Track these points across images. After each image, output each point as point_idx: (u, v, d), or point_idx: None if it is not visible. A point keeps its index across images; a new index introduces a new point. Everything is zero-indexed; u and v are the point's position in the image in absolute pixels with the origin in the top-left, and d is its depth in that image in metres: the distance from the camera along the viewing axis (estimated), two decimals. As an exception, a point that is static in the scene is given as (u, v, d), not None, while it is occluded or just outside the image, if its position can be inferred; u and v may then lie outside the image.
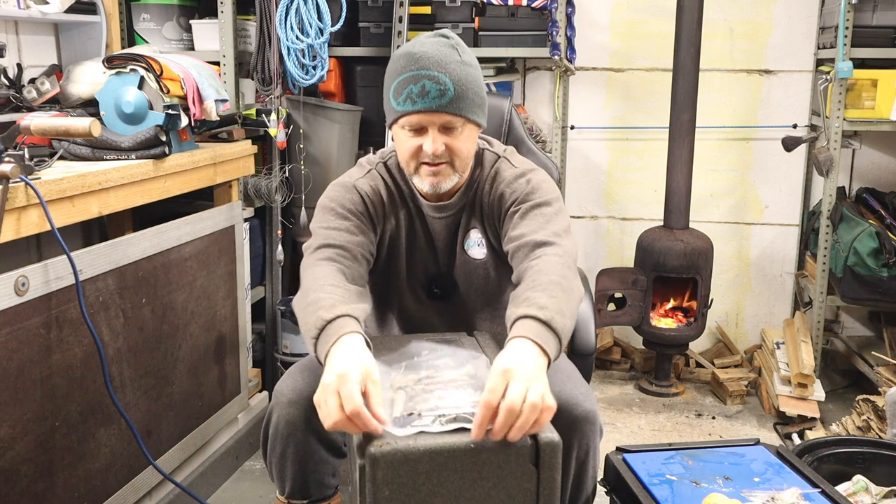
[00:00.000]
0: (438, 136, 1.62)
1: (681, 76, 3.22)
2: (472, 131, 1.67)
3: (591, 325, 2.04)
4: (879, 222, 3.22)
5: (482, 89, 1.66)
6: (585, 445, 1.69)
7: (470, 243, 1.79)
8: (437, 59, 1.59)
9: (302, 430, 1.72)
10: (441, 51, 1.60)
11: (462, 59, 1.61)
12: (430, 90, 1.57)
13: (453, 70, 1.59)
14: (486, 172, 1.78)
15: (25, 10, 2.55)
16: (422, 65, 1.58)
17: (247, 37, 3.25)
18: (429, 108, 1.59)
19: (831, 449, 2.16)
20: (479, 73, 1.66)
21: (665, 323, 3.38)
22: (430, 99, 1.58)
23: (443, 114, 1.60)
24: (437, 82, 1.57)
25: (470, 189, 1.78)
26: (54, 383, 1.85)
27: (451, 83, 1.58)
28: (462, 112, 1.61)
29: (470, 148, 1.69)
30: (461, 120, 1.62)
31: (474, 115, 1.64)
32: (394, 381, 1.43)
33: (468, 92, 1.61)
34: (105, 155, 2.15)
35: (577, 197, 3.78)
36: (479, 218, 1.79)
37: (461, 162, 1.68)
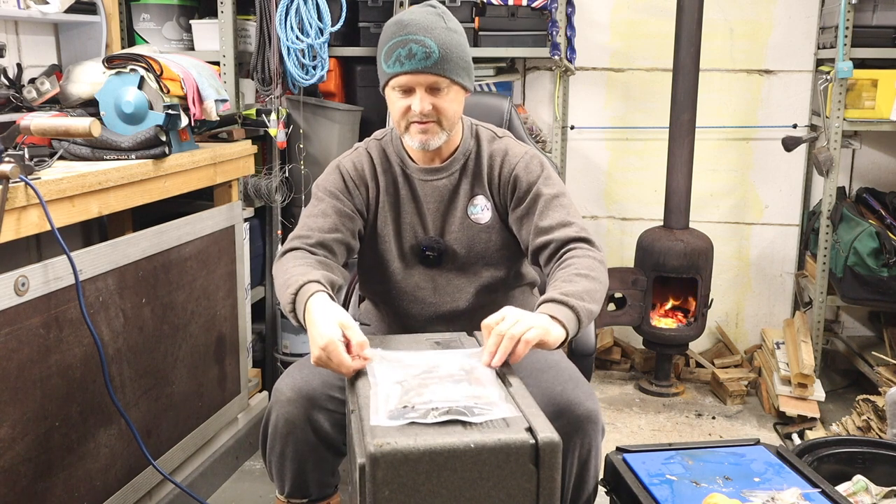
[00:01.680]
0: (426, 96, 1.72)
1: (681, 76, 3.22)
2: (457, 93, 1.77)
3: (591, 326, 2.04)
4: (879, 222, 3.22)
5: (467, 54, 1.77)
6: (587, 445, 1.70)
7: (475, 209, 1.87)
8: (423, 24, 1.70)
9: (301, 429, 1.72)
10: (427, 18, 1.72)
11: (447, 25, 1.73)
12: (417, 52, 1.68)
13: (438, 35, 1.70)
14: (483, 145, 1.88)
15: (25, 10, 2.55)
16: (409, 30, 1.70)
17: (247, 37, 3.25)
18: (415, 69, 1.69)
19: (831, 449, 2.16)
20: (464, 39, 1.76)
21: (665, 323, 3.38)
22: (416, 60, 1.69)
23: (429, 74, 1.70)
24: (422, 45, 1.69)
25: (464, 156, 1.87)
26: (54, 383, 1.85)
27: (436, 46, 1.69)
28: (447, 73, 1.71)
29: (456, 108, 1.78)
30: (446, 81, 1.72)
31: (459, 77, 1.74)
32: (391, 376, 1.43)
33: (452, 55, 1.71)
34: (105, 155, 2.15)
35: (577, 197, 3.78)
36: (482, 185, 1.87)
37: (448, 121, 1.77)
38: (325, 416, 1.74)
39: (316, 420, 1.73)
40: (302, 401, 1.72)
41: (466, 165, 1.87)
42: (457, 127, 1.84)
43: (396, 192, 1.89)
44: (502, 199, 1.87)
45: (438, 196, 1.87)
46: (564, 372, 1.78)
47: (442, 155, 1.86)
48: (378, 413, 1.31)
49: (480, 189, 1.87)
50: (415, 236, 1.89)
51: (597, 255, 1.77)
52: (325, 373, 1.78)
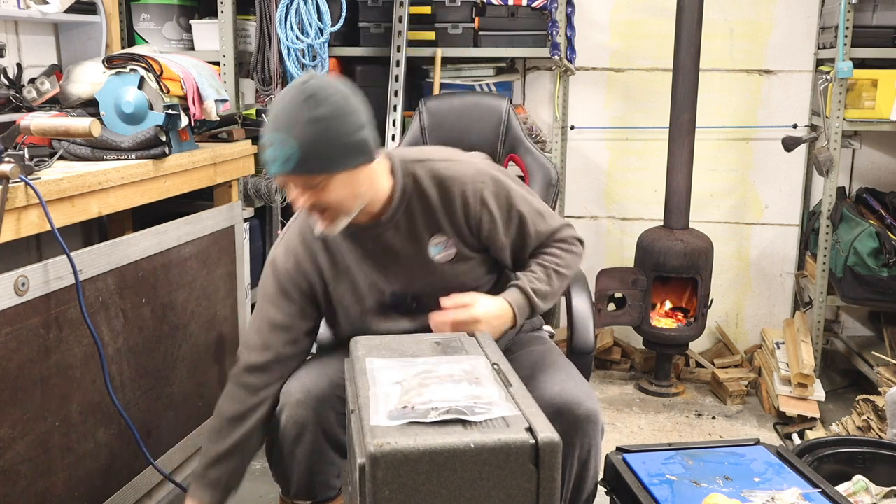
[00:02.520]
0: (303, 193, 1.61)
1: (681, 76, 3.22)
2: (341, 180, 1.60)
3: (589, 324, 2.04)
4: (879, 222, 3.22)
5: (343, 137, 1.57)
6: (587, 445, 1.69)
7: (438, 249, 1.77)
8: (285, 120, 1.55)
9: (311, 431, 1.72)
10: (291, 109, 1.55)
11: (313, 114, 1.53)
12: (277, 156, 1.55)
13: (300, 131, 1.53)
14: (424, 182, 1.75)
15: (25, 10, 2.55)
16: (273, 127, 1.56)
17: (247, 37, 3.25)
18: (278, 172, 1.58)
19: (831, 449, 2.16)
20: (337, 122, 1.56)
21: (665, 323, 3.38)
22: (278, 164, 1.56)
23: (295, 176, 1.58)
24: (282, 147, 1.54)
25: (404, 200, 1.74)
26: (54, 383, 1.85)
27: (296, 146, 1.53)
28: (313, 171, 1.57)
29: (345, 195, 1.62)
30: (318, 177, 1.58)
31: (333, 169, 1.58)
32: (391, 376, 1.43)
33: (318, 150, 1.55)
34: (105, 155, 2.15)
35: (577, 197, 3.78)
36: (436, 223, 1.76)
37: (339, 208, 1.63)
38: (336, 418, 1.74)
39: (326, 420, 1.73)
40: (312, 402, 1.72)
41: (411, 209, 1.75)
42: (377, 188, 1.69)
43: (345, 259, 1.78)
44: (475, 234, 1.78)
45: (391, 248, 1.77)
46: (563, 371, 1.78)
47: (378, 210, 1.73)
48: (378, 413, 1.31)
49: (437, 227, 1.76)
50: (381, 294, 1.80)
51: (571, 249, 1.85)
52: (334, 374, 1.78)
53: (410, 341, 1.66)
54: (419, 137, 2.47)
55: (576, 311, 2.07)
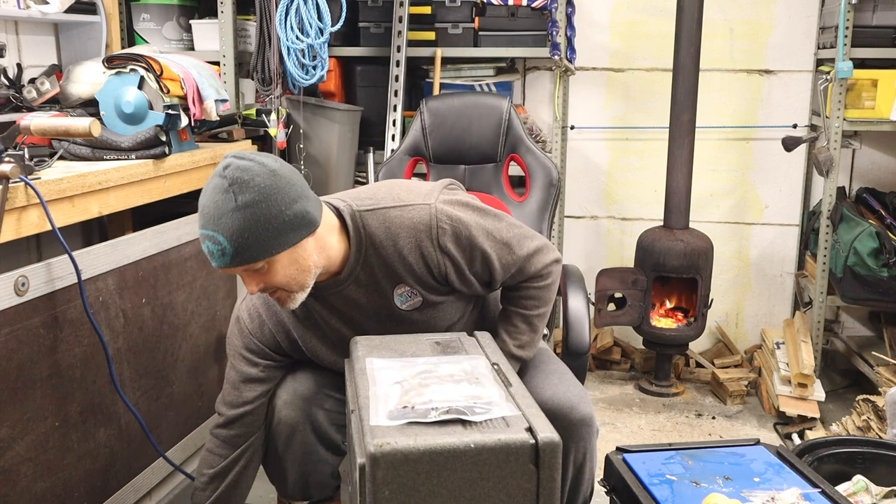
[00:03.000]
0: (250, 279, 1.56)
1: (681, 76, 3.22)
2: (285, 258, 1.54)
3: (585, 325, 2.04)
4: (879, 222, 3.22)
5: (274, 219, 1.49)
6: (583, 448, 1.70)
7: (403, 298, 1.71)
8: (212, 214, 1.49)
9: (301, 431, 1.73)
10: (215, 202, 1.49)
11: (238, 202, 1.47)
12: (213, 251, 1.51)
13: (227, 223, 1.47)
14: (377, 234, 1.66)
15: (25, 10, 2.55)
16: (202, 224, 1.52)
17: (247, 37, 3.25)
18: (220, 266, 1.53)
19: (831, 449, 2.16)
20: (265, 205, 1.48)
21: (665, 323, 3.38)
22: (216, 259, 1.51)
23: (235, 268, 1.53)
24: (215, 242, 1.49)
25: (360, 254, 1.66)
26: (54, 383, 1.85)
27: (227, 240, 1.48)
28: (251, 260, 1.50)
29: (293, 271, 1.56)
30: (259, 263, 1.52)
31: (271, 252, 1.51)
32: (391, 376, 1.43)
33: (250, 239, 1.48)
34: (105, 155, 2.15)
35: (577, 197, 3.78)
36: (397, 274, 1.68)
37: (291, 285, 1.58)
38: (324, 416, 1.75)
39: (317, 421, 1.73)
40: (300, 402, 1.72)
41: (370, 264, 1.67)
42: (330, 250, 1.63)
43: (313, 316, 1.74)
44: (434, 278, 1.69)
45: (356, 303, 1.71)
46: (555, 374, 1.78)
47: (335, 267, 1.66)
48: (378, 413, 1.31)
49: (398, 279, 1.68)
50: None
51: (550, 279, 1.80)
52: (318, 374, 1.78)
53: (410, 341, 1.66)
54: (420, 137, 2.48)
55: (571, 311, 2.07)
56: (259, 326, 1.77)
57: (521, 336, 1.79)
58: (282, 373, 1.82)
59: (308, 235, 1.55)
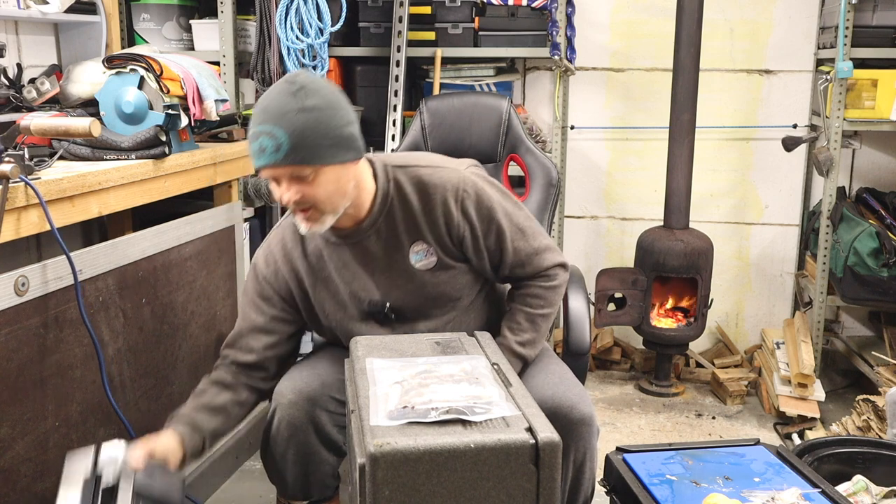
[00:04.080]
0: (291, 186, 1.59)
1: (681, 76, 3.22)
2: (330, 173, 1.59)
3: (585, 326, 2.04)
4: (879, 222, 3.22)
5: (333, 129, 1.57)
6: (583, 448, 1.70)
7: (419, 256, 1.75)
8: (274, 111, 1.55)
9: (304, 431, 1.73)
10: (280, 101, 1.55)
11: (303, 105, 1.54)
12: (266, 146, 1.54)
13: (289, 121, 1.53)
14: (407, 189, 1.73)
15: (25, 10, 2.55)
16: (260, 120, 1.56)
17: (247, 37, 3.25)
18: (267, 164, 1.57)
19: (831, 449, 2.16)
20: (327, 113, 1.57)
21: (665, 323, 3.38)
22: (267, 155, 1.55)
23: (283, 167, 1.57)
24: (271, 137, 1.54)
25: (386, 207, 1.73)
26: (54, 383, 1.85)
27: (286, 135, 1.53)
28: (303, 162, 1.56)
29: (332, 190, 1.61)
30: (308, 168, 1.57)
31: (322, 160, 1.57)
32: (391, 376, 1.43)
33: (307, 140, 1.54)
34: (105, 155, 2.15)
35: (577, 197, 3.78)
36: (419, 231, 1.74)
37: (327, 204, 1.62)
38: (327, 417, 1.74)
39: (318, 421, 1.73)
40: (304, 402, 1.72)
41: (392, 215, 1.74)
42: (361, 188, 1.69)
43: (325, 267, 1.79)
44: (451, 240, 1.75)
45: (372, 255, 1.76)
46: (556, 374, 1.78)
47: (360, 215, 1.72)
48: (378, 413, 1.31)
49: (418, 235, 1.74)
50: (360, 302, 1.79)
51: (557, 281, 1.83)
52: (325, 374, 1.78)
53: (410, 341, 1.66)
54: (420, 137, 2.47)
55: (572, 312, 2.07)
56: (274, 273, 1.81)
57: (523, 333, 1.79)
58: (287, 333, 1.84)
59: (355, 160, 1.64)
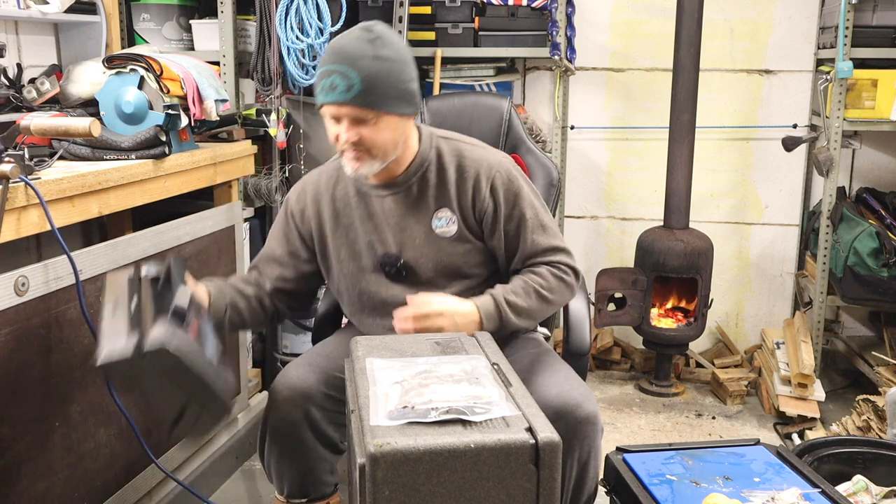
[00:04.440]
0: (351, 127, 1.70)
1: (681, 76, 3.22)
2: (389, 122, 1.71)
3: (585, 325, 2.04)
4: (879, 222, 3.22)
5: (401, 82, 1.70)
6: (587, 447, 1.70)
7: (441, 222, 1.83)
8: (349, 54, 1.66)
9: (299, 427, 1.73)
10: (357, 46, 1.67)
11: (377, 53, 1.66)
12: (338, 85, 1.65)
13: (364, 66, 1.65)
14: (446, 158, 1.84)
15: (25, 10, 2.55)
16: (334, 59, 1.67)
17: (247, 37, 3.24)
18: (336, 101, 1.67)
19: (831, 449, 2.16)
20: (398, 66, 1.69)
21: (665, 323, 3.38)
22: (336, 93, 1.66)
23: (350, 107, 1.67)
24: (344, 77, 1.65)
25: (422, 169, 1.83)
26: (54, 383, 1.85)
27: (359, 78, 1.64)
28: (370, 106, 1.67)
29: (388, 138, 1.73)
30: (372, 113, 1.68)
31: (387, 108, 1.69)
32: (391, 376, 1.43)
33: (378, 87, 1.66)
34: (105, 155, 2.15)
35: (577, 197, 3.78)
36: (447, 198, 1.83)
37: (378, 150, 1.73)
38: (323, 415, 1.75)
39: (314, 418, 1.73)
40: (299, 400, 1.73)
41: (426, 178, 1.83)
42: (406, 145, 1.80)
43: (350, 214, 1.87)
44: (478, 219, 1.83)
45: (397, 211, 1.84)
46: (560, 373, 1.78)
47: (397, 170, 1.82)
48: (378, 413, 1.31)
49: (445, 202, 1.83)
50: (375, 254, 1.85)
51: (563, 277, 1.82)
52: (321, 371, 1.79)
53: (410, 341, 1.66)
54: (419, 137, 2.47)
55: (572, 312, 2.07)
56: (301, 211, 1.92)
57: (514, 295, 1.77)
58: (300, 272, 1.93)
59: (411, 115, 1.76)
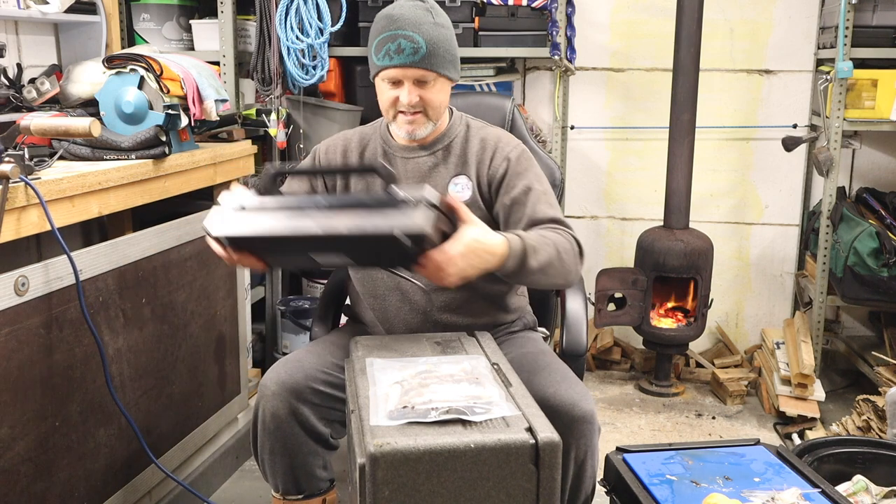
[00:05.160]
0: (413, 89, 1.81)
1: (681, 76, 3.22)
2: (444, 84, 1.85)
3: (582, 326, 2.04)
4: (879, 222, 3.22)
5: (453, 48, 1.85)
6: (584, 446, 1.70)
7: (456, 188, 1.90)
8: (412, 19, 1.78)
9: (287, 423, 1.73)
10: (416, 13, 1.80)
11: (435, 20, 1.80)
12: (406, 48, 1.77)
13: (426, 30, 1.78)
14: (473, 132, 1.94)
15: (25, 10, 2.55)
16: (398, 25, 1.78)
17: (247, 37, 3.25)
18: (403, 63, 1.78)
19: (831, 449, 2.16)
20: (451, 33, 1.84)
21: (665, 323, 3.38)
22: (405, 55, 1.77)
23: (416, 68, 1.78)
24: (410, 41, 1.77)
25: (449, 139, 1.93)
26: (54, 383, 1.85)
27: (424, 41, 1.77)
28: (434, 67, 1.79)
29: (442, 99, 1.86)
30: (433, 74, 1.80)
31: (445, 70, 1.82)
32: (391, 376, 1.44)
33: (439, 49, 1.79)
34: (105, 155, 2.15)
35: (577, 197, 3.78)
36: (467, 167, 1.91)
37: (434, 111, 1.85)
38: (311, 410, 1.75)
39: (301, 414, 1.74)
40: (286, 394, 1.73)
41: (451, 147, 1.92)
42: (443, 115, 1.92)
43: None
44: (488, 184, 1.89)
45: (418, 173, 1.92)
46: (557, 373, 1.78)
47: (429, 137, 1.91)
48: (378, 413, 1.31)
49: (465, 170, 1.91)
50: None
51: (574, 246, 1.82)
52: (310, 368, 1.79)
53: (410, 341, 1.66)
54: (419, 137, 2.47)
55: (569, 313, 2.06)
56: (329, 161, 2.00)
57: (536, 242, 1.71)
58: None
59: (456, 80, 1.89)
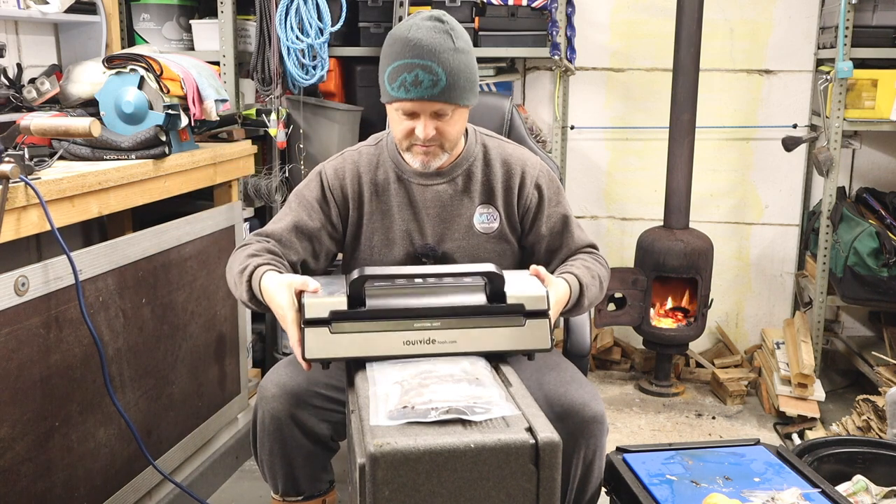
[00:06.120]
0: (430, 122, 1.68)
1: (681, 76, 3.22)
2: (462, 114, 1.73)
3: (585, 327, 2.04)
4: (879, 222, 3.22)
5: (473, 73, 1.70)
6: (593, 446, 1.70)
7: (483, 218, 1.82)
8: (430, 47, 1.62)
9: (287, 425, 1.73)
10: (436, 38, 1.63)
11: (455, 45, 1.65)
12: (423, 80, 1.62)
13: (446, 59, 1.63)
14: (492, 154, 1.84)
15: (25, 10, 2.55)
16: (416, 53, 1.62)
17: (247, 37, 3.25)
18: (421, 97, 1.64)
19: (831, 449, 2.16)
20: (471, 57, 1.70)
21: (665, 323, 3.38)
22: (422, 88, 1.63)
23: (435, 102, 1.65)
24: (429, 72, 1.62)
25: (468, 162, 1.82)
26: (54, 383, 1.85)
27: (444, 73, 1.63)
28: (452, 100, 1.66)
29: (460, 129, 1.75)
30: (452, 106, 1.68)
31: (465, 101, 1.70)
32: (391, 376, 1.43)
33: (460, 80, 1.65)
34: (105, 155, 2.15)
35: (577, 197, 3.78)
36: (491, 195, 1.82)
37: (450, 143, 1.74)
38: (311, 413, 1.74)
39: (300, 417, 1.73)
40: (286, 397, 1.72)
41: (471, 174, 1.82)
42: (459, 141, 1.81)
43: (388, 200, 1.82)
44: (520, 215, 1.84)
45: (439, 202, 1.81)
46: (566, 373, 1.78)
47: (443, 165, 1.81)
48: (378, 413, 1.31)
49: (491, 200, 1.82)
50: (411, 243, 1.82)
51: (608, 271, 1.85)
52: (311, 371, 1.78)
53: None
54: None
55: None
56: (340, 186, 1.82)
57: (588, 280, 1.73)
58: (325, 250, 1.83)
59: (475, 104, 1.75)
